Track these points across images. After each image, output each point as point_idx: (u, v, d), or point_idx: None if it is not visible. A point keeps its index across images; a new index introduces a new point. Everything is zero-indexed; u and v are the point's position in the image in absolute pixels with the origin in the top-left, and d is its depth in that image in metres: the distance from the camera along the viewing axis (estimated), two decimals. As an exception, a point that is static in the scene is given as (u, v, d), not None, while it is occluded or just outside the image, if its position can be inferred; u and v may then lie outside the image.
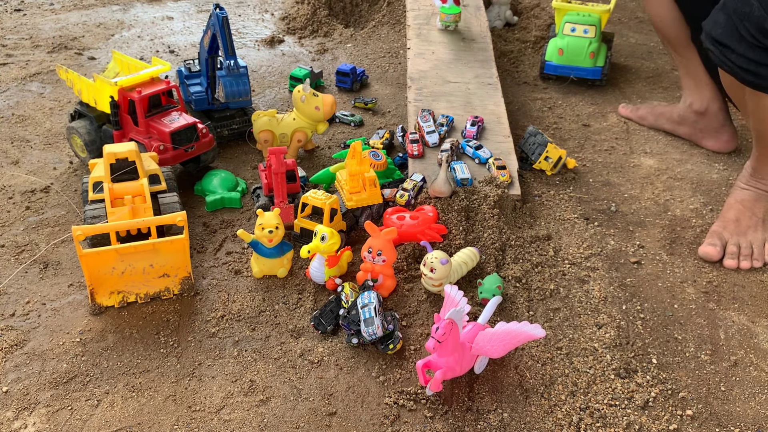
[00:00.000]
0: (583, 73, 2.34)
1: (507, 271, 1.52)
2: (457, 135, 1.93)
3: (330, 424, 1.20)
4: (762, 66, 1.39)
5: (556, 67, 2.36)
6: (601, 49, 2.33)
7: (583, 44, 2.30)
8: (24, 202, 1.80)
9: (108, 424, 1.20)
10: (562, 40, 2.33)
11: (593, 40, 2.30)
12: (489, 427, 1.19)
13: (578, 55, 2.32)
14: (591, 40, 2.30)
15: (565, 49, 2.32)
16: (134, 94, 1.73)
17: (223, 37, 1.81)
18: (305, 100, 1.89)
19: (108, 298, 1.44)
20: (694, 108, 2.01)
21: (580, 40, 2.31)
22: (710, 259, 1.59)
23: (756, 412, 1.24)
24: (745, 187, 1.67)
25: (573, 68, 2.34)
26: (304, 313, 1.44)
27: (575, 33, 2.32)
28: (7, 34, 2.82)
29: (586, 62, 2.32)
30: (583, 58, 2.31)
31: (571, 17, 2.33)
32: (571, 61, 2.33)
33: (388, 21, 2.84)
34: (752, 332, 1.41)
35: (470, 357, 1.24)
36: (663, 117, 2.11)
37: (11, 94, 2.37)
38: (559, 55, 2.34)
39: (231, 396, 1.25)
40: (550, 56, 2.37)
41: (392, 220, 1.57)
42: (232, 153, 2.02)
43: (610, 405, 1.23)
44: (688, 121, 2.04)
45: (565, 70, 2.36)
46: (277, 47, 2.75)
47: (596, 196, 1.83)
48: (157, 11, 3.10)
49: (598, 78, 2.34)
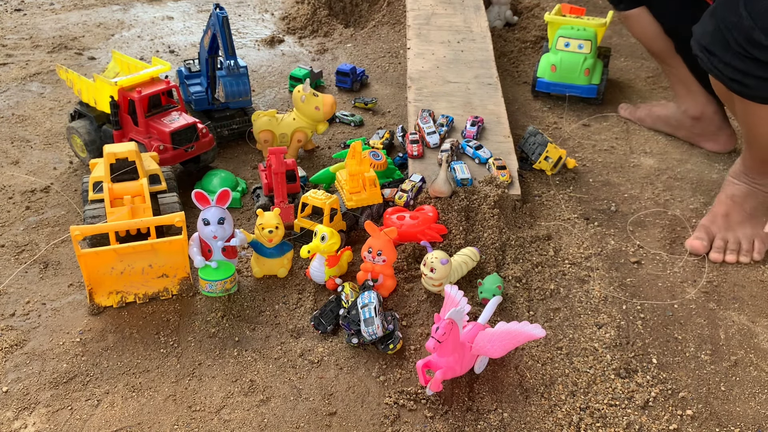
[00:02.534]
0: (577, 91, 2.19)
1: (507, 271, 1.52)
2: (457, 135, 1.93)
3: (330, 424, 1.20)
4: (748, 76, 1.38)
5: (549, 84, 2.21)
6: (596, 65, 2.20)
7: (578, 60, 2.16)
8: (24, 202, 1.80)
9: (108, 424, 1.20)
10: (555, 55, 2.19)
11: (588, 55, 2.16)
12: (489, 427, 1.19)
13: (572, 72, 2.17)
14: (586, 55, 2.16)
15: (558, 65, 2.18)
16: (134, 94, 1.73)
17: (223, 37, 1.81)
18: (305, 100, 1.89)
19: (107, 298, 1.44)
20: (690, 114, 2.02)
21: (575, 56, 2.16)
22: (696, 253, 1.60)
23: (756, 412, 1.24)
24: (736, 182, 1.68)
25: (567, 86, 2.19)
26: (304, 313, 1.44)
27: (569, 48, 2.17)
28: (7, 34, 2.82)
29: (580, 79, 2.17)
30: (578, 74, 2.17)
31: (565, 31, 2.19)
32: (564, 78, 2.19)
33: (388, 21, 2.84)
34: (752, 332, 1.41)
35: (470, 357, 1.24)
36: (660, 121, 2.12)
37: (11, 94, 2.37)
38: (552, 72, 2.19)
39: (231, 396, 1.25)
40: (542, 73, 2.23)
41: (392, 220, 1.57)
42: (232, 153, 2.02)
43: (610, 405, 1.23)
44: (685, 126, 2.05)
45: (558, 88, 2.21)
46: (277, 47, 2.75)
47: (596, 196, 1.83)
48: (157, 11, 3.10)
49: (593, 96, 2.20)
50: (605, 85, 2.24)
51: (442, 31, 2.46)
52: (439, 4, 2.64)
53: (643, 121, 2.16)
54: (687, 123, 2.04)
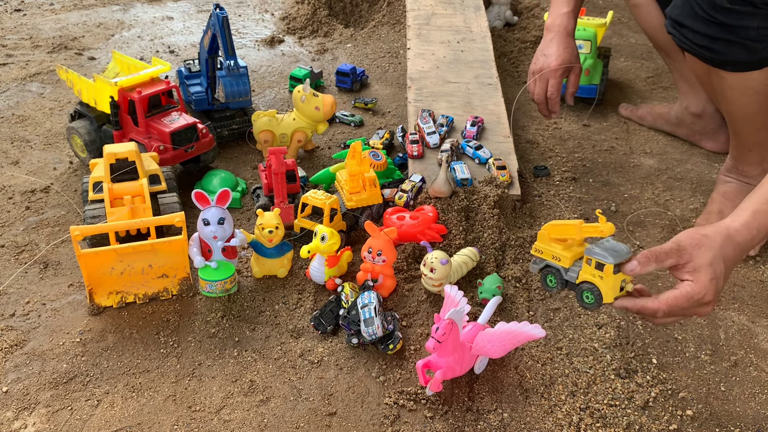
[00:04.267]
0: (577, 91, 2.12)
1: (507, 271, 1.52)
2: (457, 135, 1.93)
3: (330, 424, 1.20)
4: (715, 40, 1.44)
5: None
6: (596, 66, 2.19)
7: None
8: (24, 202, 1.80)
9: (108, 424, 1.20)
10: None
11: (588, 56, 2.15)
12: (489, 427, 1.19)
13: None
14: (585, 56, 2.15)
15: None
16: (134, 94, 1.73)
17: (223, 37, 1.81)
18: (305, 100, 1.89)
19: (107, 298, 1.44)
20: (691, 110, 2.02)
21: None
22: None
23: (756, 412, 1.24)
24: (727, 179, 1.70)
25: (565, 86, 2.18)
26: (304, 313, 1.44)
27: None
28: (7, 34, 2.82)
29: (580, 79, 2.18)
30: None
31: None
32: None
33: (388, 21, 2.84)
34: (752, 332, 1.41)
35: (470, 357, 1.24)
36: (661, 118, 2.12)
37: (11, 94, 2.37)
38: None
39: (231, 396, 1.25)
40: None
41: (392, 220, 1.58)
42: (232, 153, 2.02)
43: (610, 405, 1.23)
44: (686, 123, 2.05)
45: None
46: (277, 47, 2.75)
47: (596, 196, 1.83)
48: (157, 11, 3.10)
49: (593, 97, 2.18)
50: (605, 85, 2.24)
51: (442, 31, 2.46)
52: (439, 4, 2.64)
53: (644, 119, 2.16)
54: (688, 120, 2.04)
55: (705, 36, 1.45)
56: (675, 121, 2.08)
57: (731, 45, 1.43)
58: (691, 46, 1.50)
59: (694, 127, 2.03)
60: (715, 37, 1.44)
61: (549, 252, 1.16)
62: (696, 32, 1.46)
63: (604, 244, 1.12)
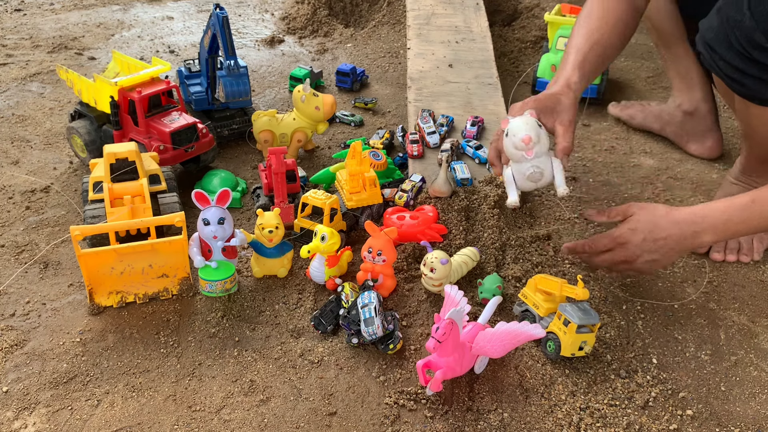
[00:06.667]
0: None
1: (507, 271, 1.52)
2: (457, 135, 1.93)
3: (330, 424, 1.20)
4: (747, 76, 1.38)
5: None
6: None
7: None
8: (24, 202, 1.80)
9: (108, 424, 1.20)
10: (556, 55, 2.18)
11: None
12: (489, 427, 1.19)
13: None
14: None
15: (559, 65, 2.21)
16: (134, 94, 1.73)
17: (223, 37, 1.81)
18: (305, 100, 1.89)
19: (107, 298, 1.44)
20: (683, 108, 2.00)
21: None
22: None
23: (756, 412, 1.24)
24: (734, 182, 1.69)
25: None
26: (304, 313, 1.44)
27: None
28: (7, 34, 2.82)
29: None
30: None
31: (565, 31, 2.16)
32: None
33: (388, 21, 2.84)
34: (752, 332, 1.41)
35: (470, 357, 1.24)
36: (651, 116, 2.09)
37: (11, 94, 2.37)
38: (552, 72, 2.17)
39: (231, 396, 1.25)
40: (542, 73, 2.22)
41: (392, 220, 1.57)
42: (232, 153, 2.02)
43: (610, 405, 1.23)
44: (676, 121, 2.03)
45: None
46: (277, 47, 2.75)
47: (596, 196, 1.83)
48: (157, 11, 3.11)
49: (593, 96, 2.20)
50: (605, 85, 2.24)
51: (442, 31, 2.46)
52: (439, 4, 2.64)
53: (634, 118, 2.13)
54: (678, 118, 2.02)
55: (737, 70, 1.38)
56: (666, 118, 2.05)
57: (763, 83, 1.38)
58: (721, 74, 1.44)
59: (684, 126, 2.01)
60: (748, 73, 1.37)
61: (532, 299, 1.35)
62: (728, 63, 1.39)
63: (579, 306, 1.27)
